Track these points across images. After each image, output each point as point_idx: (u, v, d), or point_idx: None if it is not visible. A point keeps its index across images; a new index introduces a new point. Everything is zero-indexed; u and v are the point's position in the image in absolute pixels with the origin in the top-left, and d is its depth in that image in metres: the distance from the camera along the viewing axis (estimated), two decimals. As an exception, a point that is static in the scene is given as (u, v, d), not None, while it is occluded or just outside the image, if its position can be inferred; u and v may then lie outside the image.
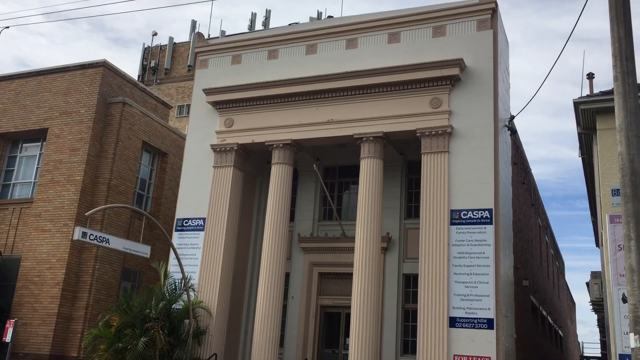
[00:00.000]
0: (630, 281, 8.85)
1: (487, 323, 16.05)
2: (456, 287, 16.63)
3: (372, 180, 18.66)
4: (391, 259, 20.19)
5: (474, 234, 17.01)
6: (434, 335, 16.34)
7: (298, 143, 20.37)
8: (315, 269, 21.28)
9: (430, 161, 18.07)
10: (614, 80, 9.78)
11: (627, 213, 9.13)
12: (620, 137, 9.50)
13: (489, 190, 17.26)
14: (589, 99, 16.09)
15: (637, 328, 8.52)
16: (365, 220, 18.23)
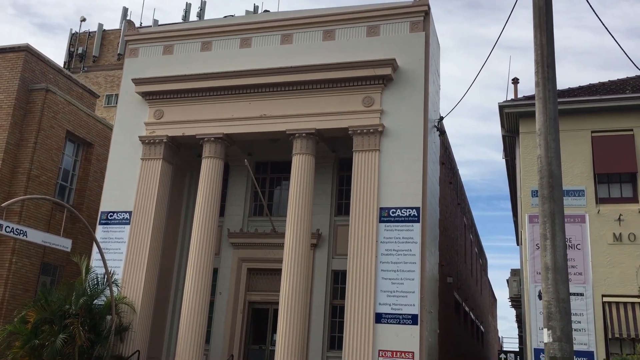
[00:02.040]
0: (545, 279, 9.22)
1: (412, 319, 16.40)
2: (383, 283, 16.90)
3: (303, 176, 18.68)
4: (320, 256, 20.29)
5: (402, 232, 17.32)
6: (360, 330, 16.55)
7: (230, 137, 20.13)
8: (244, 265, 21.10)
9: (361, 159, 18.27)
10: (535, 85, 10.15)
11: (544, 213, 9.50)
12: (540, 141, 9.87)
13: (417, 189, 17.62)
14: (513, 103, 16.69)
15: (550, 324, 8.89)
16: (295, 217, 18.23)
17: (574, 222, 15.09)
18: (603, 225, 14.92)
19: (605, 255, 14.70)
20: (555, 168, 9.69)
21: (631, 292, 14.26)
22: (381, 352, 16.29)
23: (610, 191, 15.45)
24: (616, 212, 14.91)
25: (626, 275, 14.41)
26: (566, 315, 8.92)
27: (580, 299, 14.48)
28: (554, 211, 9.47)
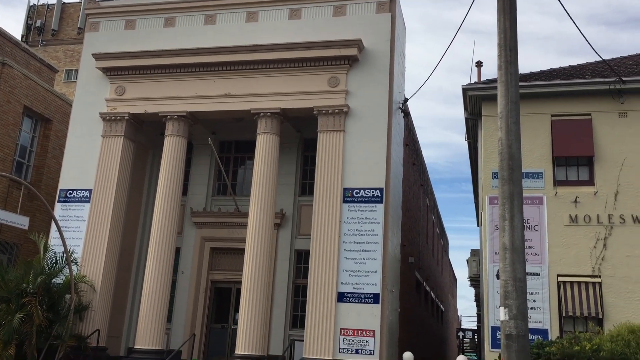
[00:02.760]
0: (503, 258, 9.45)
1: (374, 298, 16.63)
2: (346, 263, 17.06)
3: (267, 156, 18.62)
4: (284, 235, 20.33)
5: (365, 212, 17.47)
6: (322, 309, 16.71)
7: (193, 115, 19.89)
8: (207, 244, 21.00)
9: (326, 139, 18.29)
10: (498, 69, 10.29)
11: (503, 195, 9.71)
12: (501, 124, 10.03)
13: (381, 170, 17.76)
14: (476, 86, 16.89)
15: (506, 302, 9.13)
16: (259, 196, 18.20)
17: (532, 203, 15.44)
18: (560, 207, 15.31)
19: (562, 236, 15.10)
20: (515, 151, 9.88)
21: (585, 272, 14.71)
22: (343, 330, 16.50)
23: (567, 174, 15.84)
24: (573, 195, 15.30)
25: (581, 255, 14.85)
26: (522, 294, 9.18)
27: (537, 278, 14.89)
28: (513, 193, 9.68)
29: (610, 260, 14.62)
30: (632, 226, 14.72)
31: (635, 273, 14.37)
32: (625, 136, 15.38)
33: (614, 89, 15.48)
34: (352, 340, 16.37)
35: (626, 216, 14.83)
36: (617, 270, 14.50)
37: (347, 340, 16.40)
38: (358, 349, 16.29)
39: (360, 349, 16.27)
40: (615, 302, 14.30)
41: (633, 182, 15.01)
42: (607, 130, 15.55)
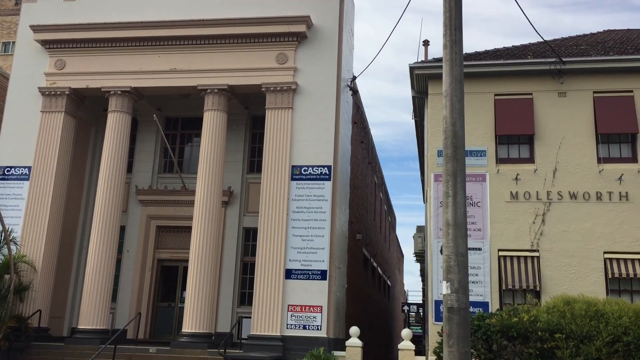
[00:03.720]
0: (446, 234, 9.67)
1: (321, 274, 16.80)
2: (293, 240, 17.15)
3: (215, 133, 18.40)
4: (232, 213, 20.23)
5: (313, 190, 17.55)
6: (270, 286, 16.79)
7: (138, 91, 19.41)
8: (153, 222, 20.68)
9: (274, 117, 18.20)
10: (443, 48, 10.40)
11: (447, 172, 9.89)
12: (446, 102, 10.18)
13: (329, 148, 17.84)
14: (422, 65, 17.06)
15: (449, 276, 9.37)
16: (206, 174, 18.00)
17: (475, 180, 15.82)
18: (502, 184, 15.74)
19: (503, 212, 15.56)
20: (459, 129, 10.05)
21: (524, 247, 15.24)
22: (290, 306, 16.64)
23: (509, 152, 16.27)
24: (514, 172, 15.75)
25: (520, 231, 15.35)
26: (464, 268, 9.43)
27: (479, 253, 15.33)
28: (456, 170, 9.87)
29: (548, 235, 15.18)
30: (569, 202, 15.30)
31: (571, 247, 14.98)
32: (564, 115, 15.89)
33: (554, 69, 15.92)
34: (300, 316, 16.55)
35: (563, 192, 15.39)
36: (554, 245, 15.08)
37: (295, 316, 16.57)
38: (306, 325, 16.48)
39: (308, 325, 16.47)
40: (552, 275, 14.89)
41: (571, 160, 15.56)
42: (547, 110, 16.02)
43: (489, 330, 12.23)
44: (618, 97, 15.71)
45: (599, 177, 15.32)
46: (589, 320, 11.63)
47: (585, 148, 15.60)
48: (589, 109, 15.82)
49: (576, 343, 11.44)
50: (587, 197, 15.24)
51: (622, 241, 14.81)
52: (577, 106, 15.88)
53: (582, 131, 15.72)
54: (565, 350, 11.40)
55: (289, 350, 16.12)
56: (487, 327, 12.26)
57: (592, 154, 15.55)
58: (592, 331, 11.45)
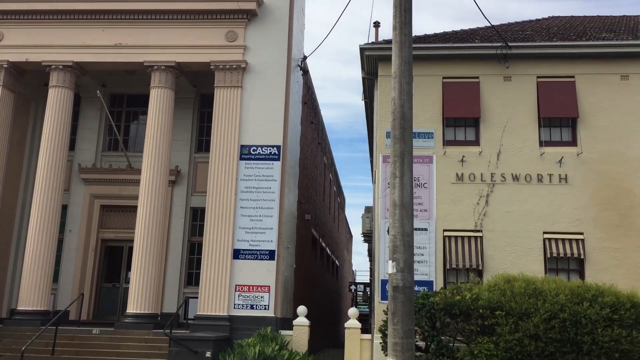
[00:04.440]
0: (393, 214, 9.80)
1: (269, 254, 16.80)
2: (242, 220, 17.06)
3: (162, 111, 18.01)
4: (179, 192, 19.92)
5: (262, 170, 17.45)
6: (217, 266, 16.69)
7: (80, 66, 18.77)
8: (97, 202, 20.15)
9: (223, 95, 17.96)
10: (392, 29, 10.44)
11: (394, 153, 10.00)
12: (394, 83, 10.25)
13: (278, 128, 17.74)
14: (373, 46, 17.10)
15: (395, 256, 9.51)
16: (153, 153, 17.64)
17: (423, 162, 16.06)
18: (448, 166, 16.04)
19: (448, 194, 15.88)
20: (407, 110, 10.16)
21: (468, 227, 15.62)
22: (238, 286, 16.60)
23: (456, 134, 16.56)
24: (460, 154, 16.06)
25: (465, 211, 15.71)
26: (409, 248, 9.59)
27: (425, 233, 15.62)
28: (404, 151, 9.99)
29: (491, 215, 15.60)
30: (512, 184, 15.74)
31: (512, 227, 15.44)
32: (508, 99, 16.25)
33: (500, 54, 16.24)
34: (248, 296, 16.53)
35: (507, 175, 15.80)
36: (497, 225, 15.51)
37: (243, 296, 16.54)
38: (253, 305, 16.48)
39: (256, 305, 16.48)
40: (494, 254, 15.34)
41: (514, 143, 15.97)
42: (493, 93, 16.35)
43: (432, 308, 12.53)
44: (560, 82, 16.18)
45: (541, 160, 15.80)
46: (527, 298, 12.06)
47: (528, 131, 16.03)
48: (532, 93, 16.24)
49: (515, 320, 11.85)
50: (528, 179, 15.71)
51: (560, 222, 15.37)
52: (522, 90, 16.27)
53: (526, 115, 16.14)
54: (505, 326, 11.80)
55: (236, 330, 16.12)
56: (431, 305, 12.56)
57: (534, 137, 16.00)
58: (530, 308, 11.88)
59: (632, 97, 15.89)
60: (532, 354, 11.62)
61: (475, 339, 12.13)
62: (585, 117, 15.91)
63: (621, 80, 16.05)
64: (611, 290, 12.27)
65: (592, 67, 16.17)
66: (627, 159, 15.57)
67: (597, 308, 11.67)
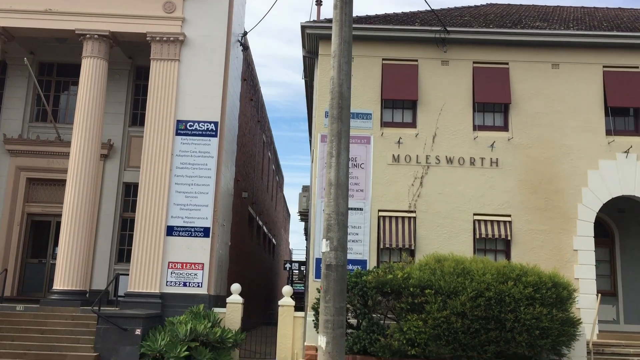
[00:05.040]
0: (328, 193, 9.81)
1: (204, 231, 16.60)
2: (176, 197, 16.75)
3: (94, 82, 17.36)
4: (111, 167, 19.34)
5: (199, 146, 17.15)
6: (150, 243, 16.36)
7: (7, 31, 17.81)
8: (23, 174, 19.30)
9: (160, 68, 17.47)
10: (333, 8, 10.36)
11: (332, 132, 9.99)
12: (334, 63, 10.20)
13: (216, 103, 17.45)
14: (314, 24, 16.98)
15: (329, 235, 9.55)
16: (84, 125, 17.01)
17: (360, 143, 16.18)
18: (385, 147, 16.22)
19: (385, 174, 16.08)
20: (345, 90, 10.14)
21: (403, 208, 15.90)
22: (171, 264, 16.35)
23: (393, 116, 16.75)
24: (397, 136, 16.26)
25: (400, 192, 15.97)
26: (343, 227, 9.64)
27: (360, 213, 15.80)
28: (341, 131, 9.99)
29: (425, 197, 15.93)
30: (446, 166, 16.09)
31: (445, 209, 15.83)
32: (445, 83, 16.54)
33: (439, 38, 16.46)
34: (181, 273, 16.31)
35: (441, 157, 16.14)
36: (430, 206, 15.86)
37: (176, 274, 16.31)
38: (186, 282, 16.28)
39: (189, 282, 16.29)
40: (426, 234, 15.70)
41: (449, 126, 16.30)
42: (430, 77, 16.60)
43: (365, 286, 12.73)
44: (495, 69, 16.58)
45: (474, 144, 16.21)
46: (456, 277, 12.43)
47: (463, 115, 16.39)
48: (468, 78, 16.58)
49: (444, 298, 12.20)
50: (462, 162, 16.10)
51: (490, 204, 15.86)
52: (458, 75, 16.59)
53: (461, 99, 16.48)
54: (434, 304, 12.14)
55: (168, 307, 15.90)
56: (364, 284, 12.76)
57: (468, 121, 16.38)
58: (458, 287, 12.25)
59: (561, 85, 16.49)
60: (459, 331, 12.01)
61: (405, 316, 12.42)
62: (517, 103, 16.41)
63: (552, 69, 16.60)
64: (534, 270, 12.81)
65: (525, 55, 16.65)
66: (554, 145, 16.18)
67: (521, 287, 12.16)
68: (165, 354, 13.87)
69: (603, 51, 16.61)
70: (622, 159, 16.07)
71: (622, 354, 14.44)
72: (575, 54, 16.61)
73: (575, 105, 16.39)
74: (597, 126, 16.31)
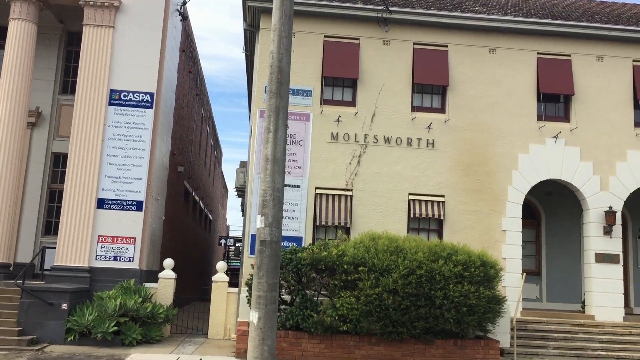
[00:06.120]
0: (265, 169, 9.71)
1: (137, 205, 16.18)
2: (108, 169, 16.23)
3: (21, 46, 16.49)
4: (39, 136, 18.50)
5: (133, 117, 16.64)
6: (79, 216, 15.82)
7: None
8: (-58, 141, 18.19)
9: (93, 34, 16.76)
10: (274, -20, 10.15)
11: (270, 108, 9.85)
12: (274, 36, 10.01)
13: (152, 74, 16.94)
14: (256, -3, 16.63)
15: (264, 211, 9.47)
16: (9, 91, 16.18)
17: (300, 119, 16.09)
18: (324, 125, 16.19)
19: (323, 152, 16.08)
20: (285, 65, 10.00)
21: (340, 186, 15.97)
22: (101, 237, 15.88)
23: (334, 94, 16.72)
24: (336, 114, 16.26)
25: (338, 170, 16.03)
26: (279, 203, 9.58)
27: (297, 190, 15.77)
28: (279, 106, 9.85)
29: (362, 175, 16.04)
30: (383, 146, 16.23)
31: (381, 187, 16.01)
32: (386, 63, 16.61)
33: (380, 17, 16.48)
34: (111, 247, 15.87)
35: (379, 136, 16.26)
36: (367, 185, 16.00)
37: (106, 248, 15.86)
38: (117, 256, 15.87)
39: (119, 256, 15.88)
40: (362, 213, 15.85)
41: (388, 106, 16.42)
42: (371, 56, 16.62)
43: (299, 263, 12.76)
44: (435, 51, 16.77)
45: (411, 124, 16.40)
46: (389, 255, 12.63)
47: (402, 96, 16.53)
48: (408, 59, 16.71)
49: (377, 275, 12.39)
50: (399, 142, 16.28)
51: (425, 184, 16.15)
52: (399, 55, 16.68)
53: (401, 80, 16.60)
54: (367, 281, 12.31)
55: (97, 282, 15.47)
56: (298, 261, 12.78)
57: (407, 102, 16.54)
58: (391, 265, 12.46)
59: (497, 70, 16.87)
60: (390, 308, 12.24)
61: (339, 293, 12.54)
62: (454, 86, 16.68)
63: (489, 53, 16.95)
64: (464, 249, 13.18)
65: (464, 39, 16.90)
66: (489, 128, 16.59)
67: (451, 265, 12.50)
68: (92, 330, 13.53)
69: (537, 38, 17.08)
70: (551, 143, 16.66)
71: (543, 330, 15.13)
72: (511, 39, 17.01)
73: (510, 90, 16.82)
74: (530, 111, 16.81)
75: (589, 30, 16.97)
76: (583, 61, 17.13)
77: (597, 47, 17.21)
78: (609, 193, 16.55)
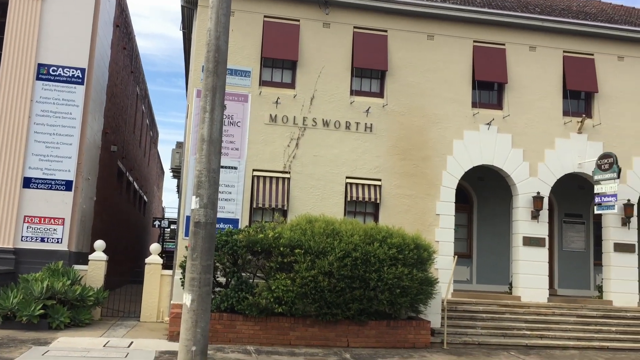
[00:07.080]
0: (200, 150, 9.50)
1: (66, 185, 15.60)
2: (36, 146, 15.56)
3: (-60, 12, 15.46)
4: (-40, 110, 17.47)
5: (63, 93, 15.98)
6: (4, 195, 15.15)
7: None
8: None
9: (19, 5, 15.96)
10: (213, -45, 9.88)
11: (206, 87, 9.62)
12: (211, 14, 9.76)
13: (84, 48, 16.31)
14: (194, -27, 16.21)
15: (199, 192, 9.29)
16: None
17: (238, 100, 15.85)
18: (262, 106, 16.02)
19: (261, 134, 15.93)
20: (222, 43, 9.77)
21: (277, 168, 15.88)
22: (27, 217, 15.24)
23: (273, 75, 16.54)
24: (275, 96, 16.11)
25: (276, 152, 15.93)
26: (214, 184, 9.41)
27: (234, 172, 15.58)
28: (216, 85, 9.63)
29: (300, 158, 16.01)
30: (322, 129, 16.23)
31: (318, 171, 16.03)
32: (325, 46, 16.56)
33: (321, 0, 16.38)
34: (38, 228, 15.27)
35: (318, 120, 16.25)
36: (305, 168, 15.98)
37: (32, 228, 15.24)
38: (44, 237, 15.28)
39: (47, 237, 15.30)
40: (299, 195, 15.84)
41: (327, 90, 16.40)
42: (312, 38, 16.53)
43: (235, 245, 12.64)
44: (374, 35, 16.83)
45: (350, 108, 16.46)
46: (325, 238, 12.69)
47: (341, 80, 16.55)
48: (348, 43, 16.71)
49: (312, 258, 12.43)
50: (337, 126, 16.32)
51: (362, 168, 16.28)
52: (339, 39, 16.66)
53: (340, 63, 16.60)
54: (302, 264, 12.33)
55: (23, 264, 14.87)
56: (234, 243, 12.66)
57: (346, 85, 16.58)
58: (327, 247, 12.53)
59: (435, 56, 17.12)
60: (325, 290, 12.33)
61: (274, 275, 12.52)
62: (393, 71, 16.83)
63: (427, 40, 17.17)
64: (399, 232, 13.40)
65: (403, 24, 17.04)
66: (425, 113, 16.85)
67: (386, 248, 12.68)
68: (17, 313, 13.00)
69: (474, 27, 17.42)
70: (485, 130, 17.11)
71: (472, 311, 15.63)
72: (449, 27, 17.28)
73: (446, 76, 17.12)
74: (465, 98, 17.18)
75: (523, 20, 17.45)
76: (517, 50, 17.62)
77: (530, 37, 17.73)
78: (537, 179, 17.18)
